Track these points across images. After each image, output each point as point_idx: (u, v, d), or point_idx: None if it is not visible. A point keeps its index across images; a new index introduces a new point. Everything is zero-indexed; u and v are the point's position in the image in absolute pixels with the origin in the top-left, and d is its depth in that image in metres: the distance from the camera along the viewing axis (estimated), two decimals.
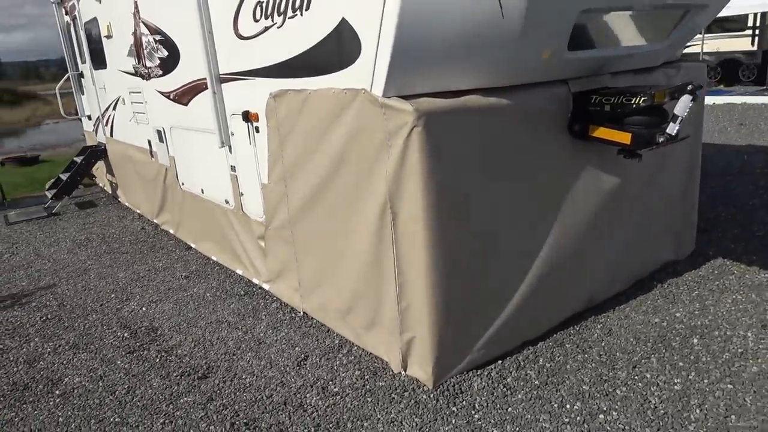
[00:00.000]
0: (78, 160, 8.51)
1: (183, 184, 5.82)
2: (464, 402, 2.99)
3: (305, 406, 3.08)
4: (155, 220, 6.99)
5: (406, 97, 2.79)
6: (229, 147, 4.52)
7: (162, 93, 5.62)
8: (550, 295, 3.50)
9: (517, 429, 2.76)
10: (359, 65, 2.88)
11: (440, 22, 2.58)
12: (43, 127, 28.67)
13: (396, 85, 2.77)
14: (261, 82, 3.82)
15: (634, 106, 3.04)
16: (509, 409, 2.91)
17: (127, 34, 6.07)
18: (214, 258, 5.49)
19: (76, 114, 9.34)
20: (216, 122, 4.43)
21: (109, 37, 6.81)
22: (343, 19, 2.90)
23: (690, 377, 3.04)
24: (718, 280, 4.13)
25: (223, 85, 4.34)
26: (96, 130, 8.82)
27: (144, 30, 5.64)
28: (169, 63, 5.27)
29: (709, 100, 13.66)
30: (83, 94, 9.01)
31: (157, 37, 5.36)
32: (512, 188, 3.17)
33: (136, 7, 5.66)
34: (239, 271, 5.01)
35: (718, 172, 7.05)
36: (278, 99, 3.63)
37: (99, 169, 9.25)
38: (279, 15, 3.40)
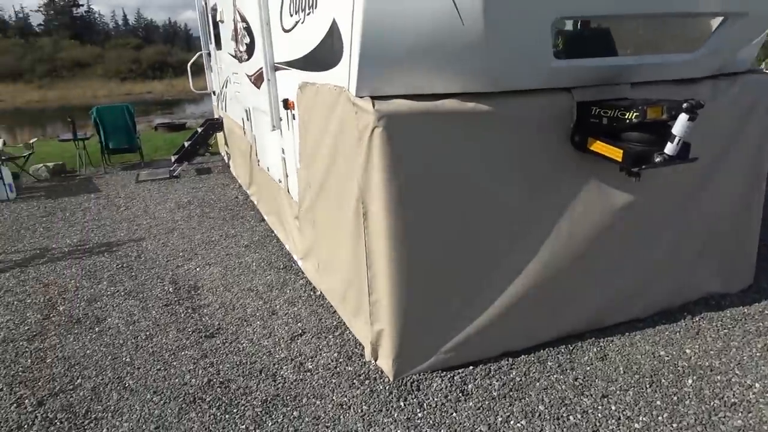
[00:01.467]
0: (199, 130, 9.53)
1: (259, 161, 6.34)
2: (415, 399, 3.05)
3: (276, 377, 3.35)
4: (248, 191, 7.66)
5: (381, 98, 2.88)
6: (280, 131, 4.87)
7: (248, 75, 6.14)
8: (539, 310, 3.38)
9: None
10: (342, 64, 3.01)
11: (402, 28, 2.62)
12: None
13: (368, 86, 2.87)
14: (295, 74, 4.09)
15: (628, 121, 2.82)
16: (453, 415, 2.92)
17: (230, 21, 6.68)
18: (275, 230, 5.94)
19: (205, 90, 10.39)
20: (269, 107, 4.80)
21: (222, 21, 7.52)
22: (333, 20, 3.05)
23: (659, 418, 2.81)
24: (762, 321, 3.67)
25: (276, 73, 4.69)
26: (218, 105, 9.79)
27: (238, 17, 6.18)
28: (251, 49, 5.74)
29: None
30: (211, 71, 10.01)
31: (244, 25, 5.86)
32: (493, 196, 3.11)
33: None
34: (287, 246, 5.40)
35: None
36: (302, 90, 3.87)
37: (219, 139, 10.27)
38: (302, 11, 3.62)
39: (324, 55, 3.31)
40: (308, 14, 3.48)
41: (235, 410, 3.06)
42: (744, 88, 3.56)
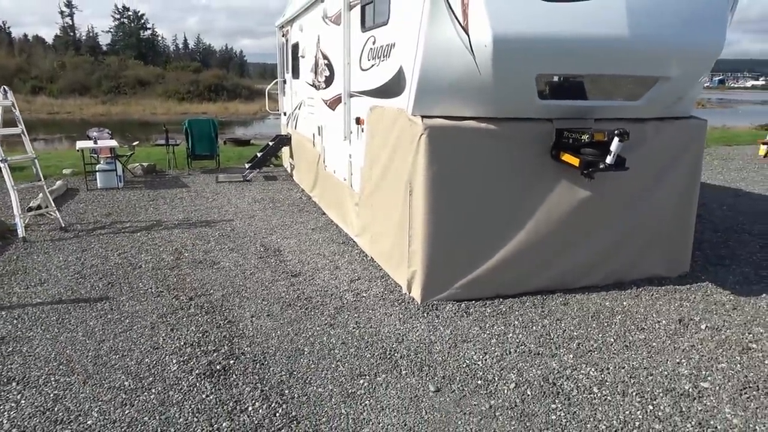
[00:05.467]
0: (271, 144, 11.43)
1: (326, 166, 8.10)
2: (434, 313, 4.65)
3: (342, 299, 5.00)
4: (310, 194, 9.43)
5: (427, 116, 4.57)
6: (349, 141, 6.62)
7: (323, 100, 7.97)
8: (522, 269, 4.94)
9: (452, 330, 4.37)
10: (404, 94, 4.73)
11: (443, 74, 4.34)
12: (266, 121, 34.29)
13: (420, 108, 4.57)
14: (367, 100, 5.84)
15: (582, 141, 4.44)
16: (458, 322, 4.51)
17: (311, 57, 8.57)
18: (334, 220, 7.65)
19: (277, 111, 12.35)
20: (343, 123, 6.57)
21: (303, 56, 9.44)
22: (400, 66, 4.79)
23: (591, 331, 4.34)
24: (685, 293, 5.14)
25: (351, 99, 6.46)
26: (287, 124, 11.71)
27: (320, 55, 8.04)
28: (330, 80, 7.57)
29: None
30: (284, 95, 11.97)
31: (326, 62, 7.71)
32: (495, 186, 4.74)
33: (318, 39, 8.10)
34: (345, 229, 7.09)
35: None
36: (372, 111, 5.61)
37: (284, 153, 12.15)
38: (378, 58, 5.39)
39: (391, 88, 5.05)
40: (383, 60, 5.25)
41: (317, 310, 4.72)
42: (682, 128, 5.14)
